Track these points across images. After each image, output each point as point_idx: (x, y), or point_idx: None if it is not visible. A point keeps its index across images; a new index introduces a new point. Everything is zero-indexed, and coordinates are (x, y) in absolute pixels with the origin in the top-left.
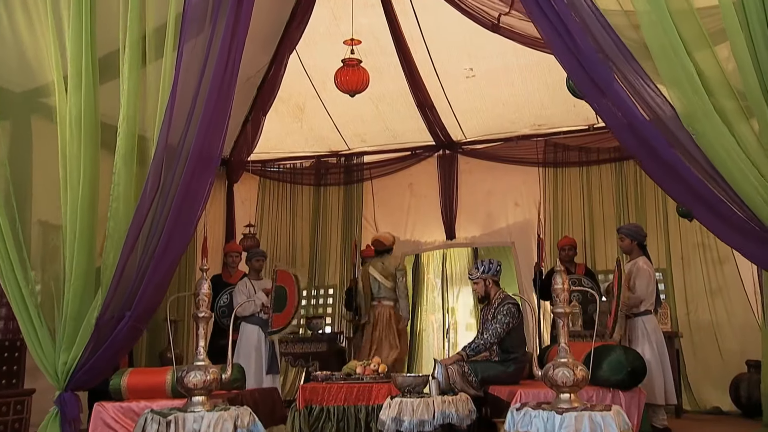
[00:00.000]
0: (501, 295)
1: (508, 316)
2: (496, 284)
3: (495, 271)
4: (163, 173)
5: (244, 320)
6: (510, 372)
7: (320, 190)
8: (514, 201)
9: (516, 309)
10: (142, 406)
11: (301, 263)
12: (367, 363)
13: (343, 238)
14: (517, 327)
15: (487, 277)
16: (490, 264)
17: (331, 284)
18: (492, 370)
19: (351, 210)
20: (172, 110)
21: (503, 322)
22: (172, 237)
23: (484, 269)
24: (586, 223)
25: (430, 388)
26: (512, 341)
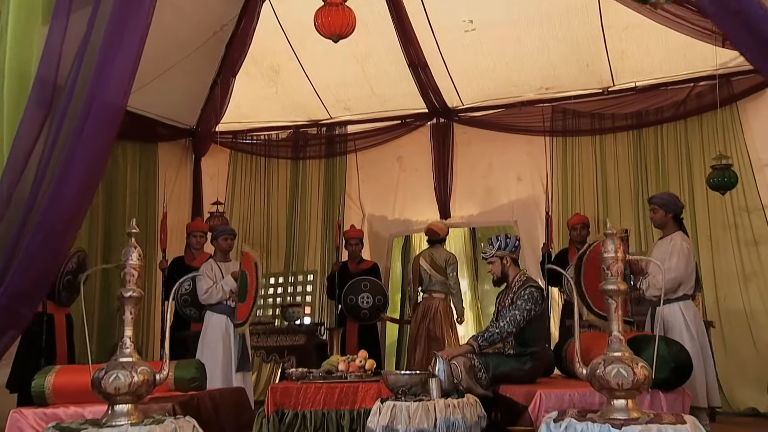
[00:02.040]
0: (522, 277)
1: (530, 301)
2: (515, 263)
3: (513, 246)
4: (49, 118)
5: (209, 308)
6: (526, 369)
7: (298, 165)
8: (517, 175)
9: (540, 294)
10: (71, 413)
11: (276, 246)
12: (351, 358)
13: (325, 218)
14: (539, 316)
15: (505, 255)
16: (507, 239)
17: (310, 269)
18: (505, 366)
19: (333, 186)
20: (60, 45)
21: (524, 308)
22: (60, 197)
23: (500, 245)
24: (599, 199)
25: (430, 388)
26: (532, 333)
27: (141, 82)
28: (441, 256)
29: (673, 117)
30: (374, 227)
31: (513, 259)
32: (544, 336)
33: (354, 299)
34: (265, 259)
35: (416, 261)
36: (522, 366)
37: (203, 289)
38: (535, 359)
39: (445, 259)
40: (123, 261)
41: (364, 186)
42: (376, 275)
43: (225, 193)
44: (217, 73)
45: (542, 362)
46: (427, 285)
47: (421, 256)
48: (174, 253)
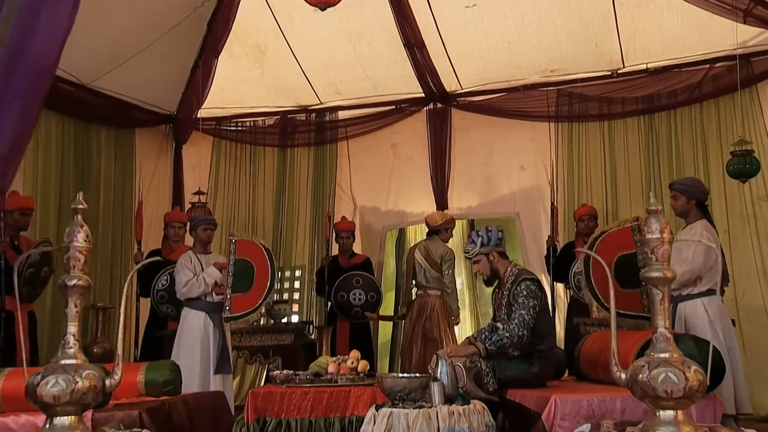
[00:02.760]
0: (513, 270)
1: (530, 297)
2: (503, 256)
3: (497, 239)
4: None
5: (187, 305)
6: (535, 372)
7: (286, 153)
8: (519, 163)
9: (537, 286)
10: (23, 422)
11: (263, 240)
12: (342, 359)
13: (314, 210)
14: (543, 311)
15: (490, 251)
16: (489, 233)
17: (299, 264)
18: (512, 369)
19: (323, 176)
20: None
21: (527, 305)
22: None
23: (482, 241)
24: (608, 188)
25: (432, 393)
26: (538, 330)
27: (114, 62)
28: (437, 251)
29: (687, 101)
30: (366, 219)
31: (500, 253)
32: (550, 332)
33: (345, 296)
34: None
35: (411, 252)
36: (529, 368)
37: (182, 281)
38: (543, 359)
39: (441, 254)
40: (66, 243)
41: (356, 175)
42: (369, 270)
43: (208, 184)
44: (199, 53)
45: (551, 363)
46: (421, 280)
47: (416, 247)
48: (153, 248)
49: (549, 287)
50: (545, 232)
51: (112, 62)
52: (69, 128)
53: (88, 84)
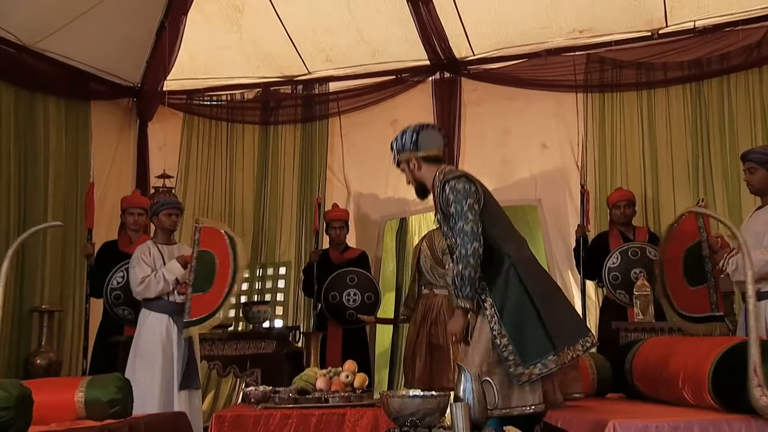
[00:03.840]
0: (439, 176)
1: (462, 198)
2: (431, 162)
3: (412, 142)
4: None
5: (145, 306)
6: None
7: (268, 131)
8: (541, 141)
9: (466, 181)
10: None
11: (241, 231)
12: (334, 372)
13: (301, 197)
14: (487, 205)
15: (410, 157)
16: (403, 135)
17: (283, 261)
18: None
19: (311, 158)
20: None
21: (462, 211)
22: None
23: (397, 146)
24: (647, 169)
25: (454, 418)
26: (491, 231)
27: (62, 20)
28: (441, 242)
29: (743, 65)
30: (362, 208)
31: (425, 158)
32: (511, 231)
33: (337, 296)
34: None
35: (418, 245)
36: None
37: (137, 278)
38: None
39: (443, 248)
40: None
41: (350, 157)
42: (365, 267)
43: (177, 167)
44: (164, 13)
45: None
46: (429, 278)
47: (425, 238)
48: (105, 237)
49: (579, 286)
50: (572, 222)
51: (59, 20)
52: (9, 97)
53: (30, 46)
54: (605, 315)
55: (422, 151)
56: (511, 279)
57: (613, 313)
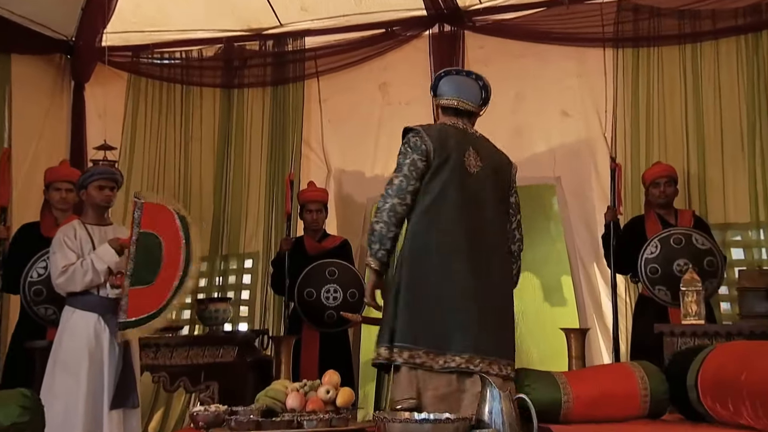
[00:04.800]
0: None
1: (409, 150)
2: (448, 113)
3: (432, 86)
4: None
5: (69, 302)
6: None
7: (232, 96)
8: (560, 108)
9: (414, 135)
10: None
11: (199, 216)
12: (309, 386)
13: (271, 174)
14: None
15: (433, 102)
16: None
17: (249, 252)
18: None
19: (284, 127)
20: None
21: (399, 164)
22: None
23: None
24: (690, 140)
25: None
26: (431, 189)
27: None
28: None
29: None
30: (345, 187)
31: (444, 108)
32: (452, 193)
33: (314, 293)
34: None
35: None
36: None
37: (59, 266)
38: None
39: None
40: None
41: (331, 127)
42: (348, 258)
43: (121, 138)
44: None
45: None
46: None
47: None
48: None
49: (609, 282)
50: (599, 204)
51: None
52: None
53: None
54: (641, 317)
55: (440, 99)
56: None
57: (651, 315)
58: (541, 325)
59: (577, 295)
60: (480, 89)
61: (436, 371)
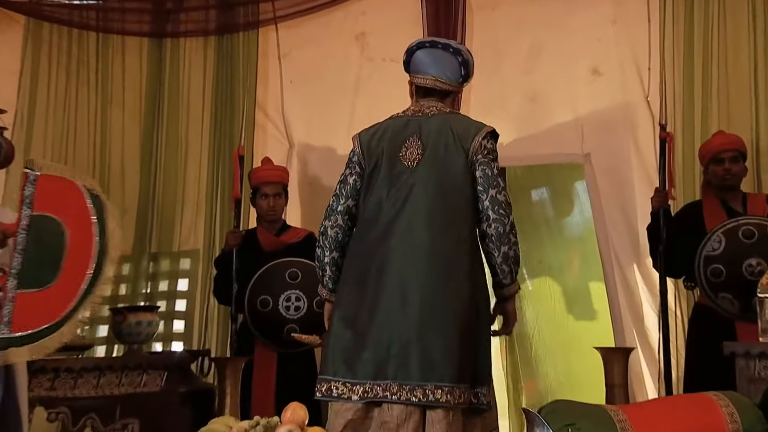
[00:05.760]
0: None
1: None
2: (420, 94)
3: (404, 60)
4: None
5: None
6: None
7: (164, 48)
8: (590, 66)
9: (354, 145)
10: None
11: (120, 203)
12: (264, 425)
13: (214, 149)
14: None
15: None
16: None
17: (186, 249)
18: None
19: (232, 89)
20: None
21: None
22: None
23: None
24: (761, 105)
25: None
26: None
27: None
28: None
29: None
30: (311, 168)
31: (417, 88)
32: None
33: (270, 302)
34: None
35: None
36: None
37: None
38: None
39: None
40: None
41: (293, 90)
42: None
43: (16, 101)
44: None
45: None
46: None
47: None
48: None
49: (658, 288)
50: (640, 187)
51: None
52: None
53: None
54: (699, 333)
55: (414, 76)
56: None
57: (712, 330)
58: (562, 344)
59: (611, 305)
60: (459, 65)
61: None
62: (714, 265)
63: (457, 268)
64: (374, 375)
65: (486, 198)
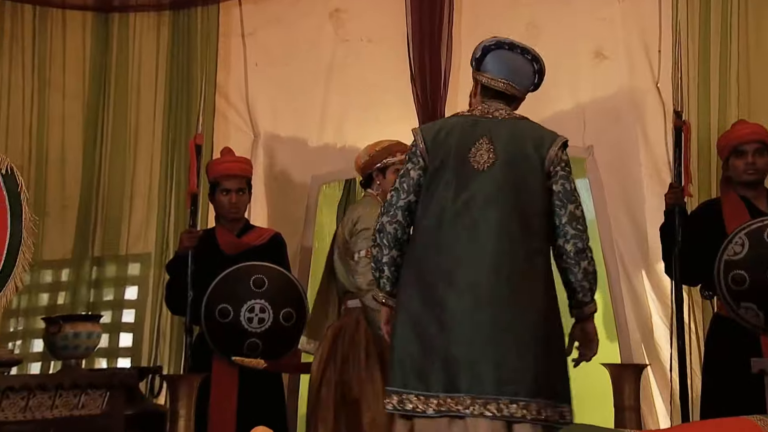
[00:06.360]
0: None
1: (406, 158)
2: (488, 96)
3: (475, 57)
4: None
5: None
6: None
7: (111, 23)
8: (593, 48)
9: (414, 140)
10: None
11: (61, 200)
12: None
13: (168, 138)
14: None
15: (473, 76)
16: (480, 44)
17: (135, 253)
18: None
19: (188, 70)
20: None
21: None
22: None
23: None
24: None
25: None
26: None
27: None
28: (350, 218)
29: None
30: (279, 160)
31: (484, 88)
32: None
33: (231, 312)
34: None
35: (338, 229)
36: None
37: None
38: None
39: (353, 221)
40: None
41: (259, 73)
42: (281, 261)
43: None
44: None
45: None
46: (341, 281)
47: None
48: None
49: (672, 294)
50: (648, 184)
51: None
52: None
53: None
54: (719, 348)
55: (483, 75)
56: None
57: (733, 345)
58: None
59: (616, 317)
60: (534, 73)
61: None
62: (736, 272)
63: (531, 279)
64: (446, 387)
65: (564, 213)
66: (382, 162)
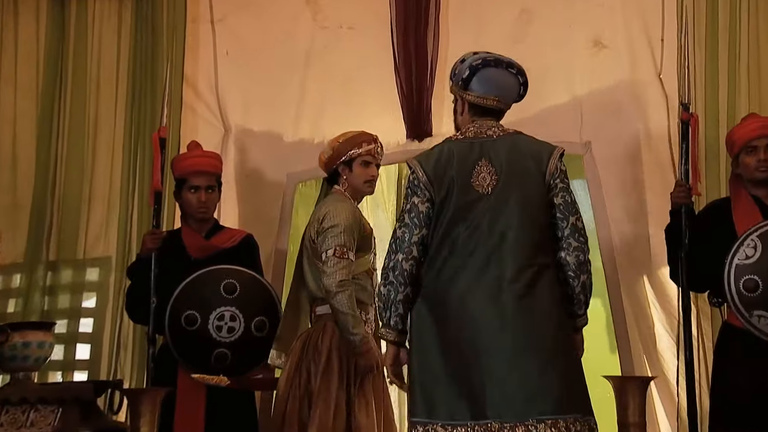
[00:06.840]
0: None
1: (408, 192)
2: (477, 113)
3: (462, 77)
4: None
5: None
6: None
7: (68, 8)
8: (590, 37)
9: (413, 173)
10: None
11: (12, 199)
12: None
13: (130, 132)
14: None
15: (455, 93)
16: (463, 60)
17: (94, 257)
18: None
19: (153, 59)
20: None
21: (400, 211)
22: None
23: (452, 70)
24: None
25: None
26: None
27: None
28: (316, 216)
29: None
30: (251, 157)
31: (473, 106)
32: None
33: (198, 319)
34: None
35: (307, 229)
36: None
37: None
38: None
39: (318, 220)
40: None
41: (230, 63)
42: (253, 265)
43: None
44: None
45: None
46: (309, 287)
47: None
48: None
49: (678, 301)
50: (651, 182)
51: None
52: None
53: None
54: (729, 360)
55: (470, 94)
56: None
57: (745, 357)
58: None
59: (616, 326)
60: (519, 86)
61: None
62: (747, 277)
63: (544, 294)
64: (472, 415)
65: (567, 225)
66: (347, 155)
